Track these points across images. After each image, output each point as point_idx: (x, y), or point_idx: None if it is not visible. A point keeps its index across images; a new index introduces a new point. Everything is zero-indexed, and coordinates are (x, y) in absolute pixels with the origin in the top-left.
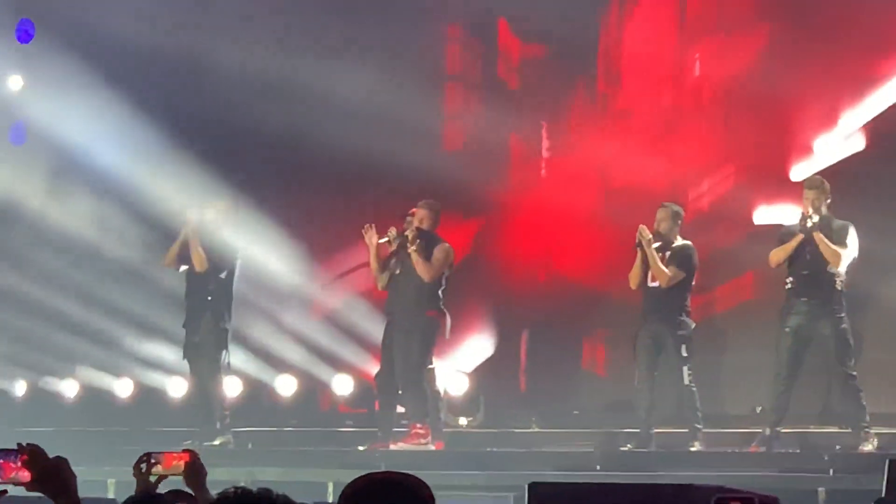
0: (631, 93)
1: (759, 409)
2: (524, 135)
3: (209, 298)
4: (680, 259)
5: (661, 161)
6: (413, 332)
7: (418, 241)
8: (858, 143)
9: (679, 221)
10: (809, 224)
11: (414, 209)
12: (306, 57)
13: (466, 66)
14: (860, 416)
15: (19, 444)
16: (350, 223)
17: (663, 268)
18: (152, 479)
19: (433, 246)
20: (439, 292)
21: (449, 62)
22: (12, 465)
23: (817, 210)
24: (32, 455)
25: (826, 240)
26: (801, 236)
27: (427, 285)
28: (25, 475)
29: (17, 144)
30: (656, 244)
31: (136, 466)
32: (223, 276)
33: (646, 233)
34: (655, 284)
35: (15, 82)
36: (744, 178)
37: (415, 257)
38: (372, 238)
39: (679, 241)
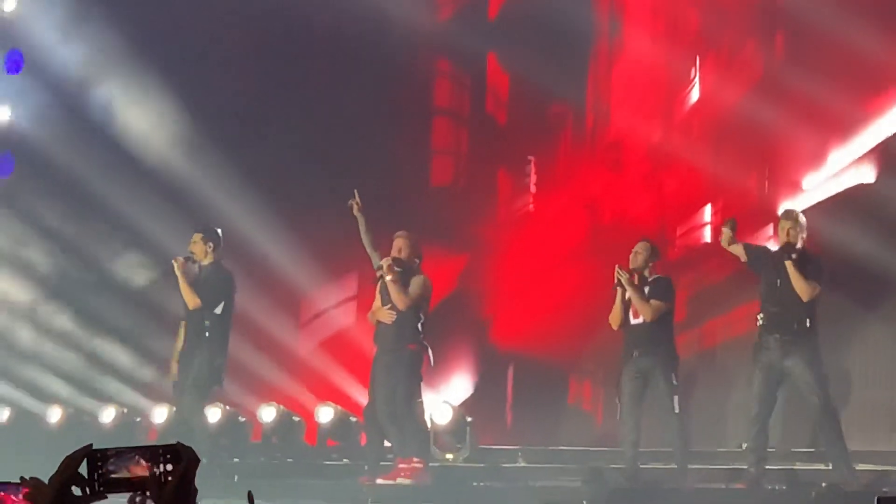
0: (620, 128)
1: (743, 446)
2: (512, 170)
3: (206, 334)
4: (662, 291)
5: (650, 196)
6: (395, 366)
7: (395, 270)
8: (848, 180)
9: (656, 258)
10: (784, 256)
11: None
12: (295, 89)
13: (455, 100)
14: (840, 452)
15: (22, 478)
16: (337, 259)
17: (646, 303)
18: None
19: (411, 276)
20: (419, 325)
21: (437, 96)
22: (14, 499)
23: (792, 242)
24: (35, 489)
25: (798, 272)
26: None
27: (407, 319)
28: None
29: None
30: (632, 278)
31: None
32: (218, 310)
33: (623, 273)
34: (639, 321)
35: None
36: (732, 213)
37: (390, 286)
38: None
39: (655, 275)
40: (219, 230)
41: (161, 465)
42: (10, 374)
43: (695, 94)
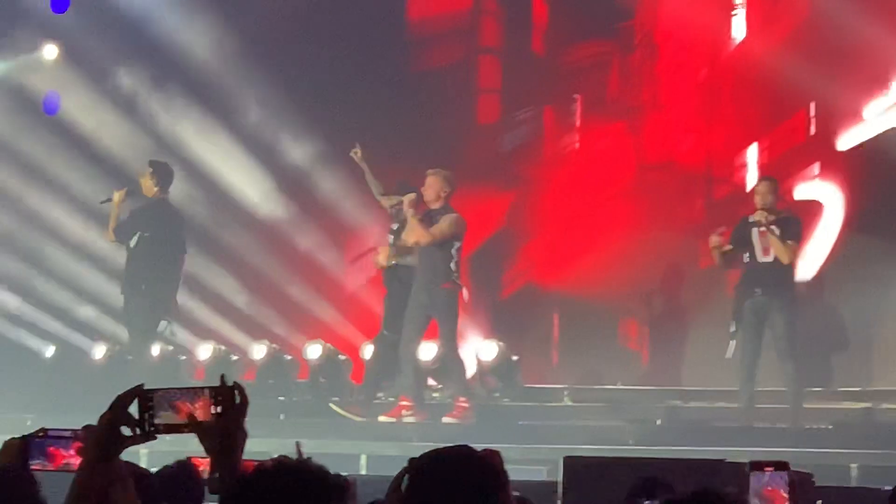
0: (668, 65)
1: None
2: (558, 108)
3: (147, 270)
4: (796, 232)
5: (698, 135)
6: (432, 306)
7: (416, 205)
8: None
9: (778, 194)
10: None
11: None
12: (343, 28)
13: (500, 38)
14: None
15: (74, 431)
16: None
17: (785, 244)
18: None
19: (442, 214)
20: (451, 265)
21: (483, 35)
22: (64, 453)
23: None
24: (86, 441)
25: None
26: None
27: (440, 258)
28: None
29: (50, 115)
30: (771, 218)
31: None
32: (141, 243)
33: (767, 215)
34: (767, 259)
35: (50, 51)
36: (783, 150)
37: (411, 221)
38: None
39: (785, 214)
40: (170, 165)
41: (212, 408)
42: (56, 309)
43: (742, 29)
